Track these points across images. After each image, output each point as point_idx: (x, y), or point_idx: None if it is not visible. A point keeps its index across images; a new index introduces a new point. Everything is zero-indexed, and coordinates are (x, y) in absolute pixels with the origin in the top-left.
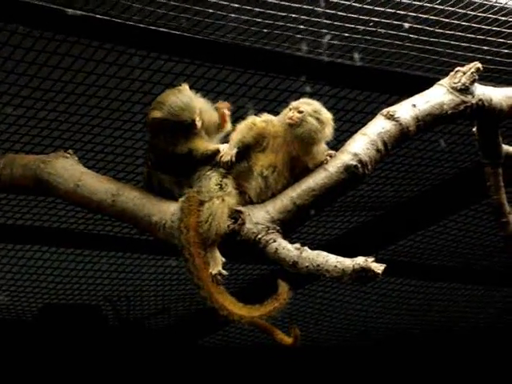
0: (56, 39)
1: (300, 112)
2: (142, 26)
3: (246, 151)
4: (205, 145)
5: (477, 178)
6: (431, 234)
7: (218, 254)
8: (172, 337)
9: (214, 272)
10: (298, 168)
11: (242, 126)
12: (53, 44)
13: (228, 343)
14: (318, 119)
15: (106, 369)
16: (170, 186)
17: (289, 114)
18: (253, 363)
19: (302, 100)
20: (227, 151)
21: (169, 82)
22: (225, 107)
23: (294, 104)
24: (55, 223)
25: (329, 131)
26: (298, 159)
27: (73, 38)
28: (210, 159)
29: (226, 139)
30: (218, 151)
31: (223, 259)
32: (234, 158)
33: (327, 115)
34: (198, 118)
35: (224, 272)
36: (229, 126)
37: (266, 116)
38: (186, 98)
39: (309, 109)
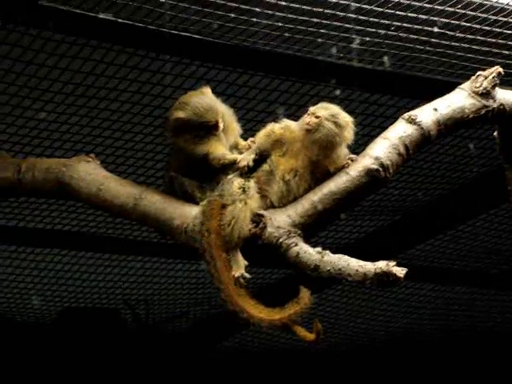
0: (78, 43)
1: (317, 117)
2: (164, 30)
3: (266, 157)
4: (223, 151)
5: (496, 183)
6: (450, 238)
7: (240, 257)
8: (190, 340)
9: (236, 275)
10: (319, 172)
11: (261, 134)
12: (75, 48)
13: (246, 347)
14: (335, 123)
15: (124, 372)
16: (191, 190)
17: (306, 119)
18: (270, 367)
19: (319, 105)
20: (245, 157)
21: (191, 86)
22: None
23: (311, 109)
24: (75, 227)
25: (349, 134)
26: (319, 163)
27: (94, 41)
28: (227, 168)
29: None
30: (235, 161)
31: (246, 262)
32: (251, 163)
33: (346, 119)
34: (220, 120)
35: (247, 275)
36: None
37: (284, 122)
38: (209, 100)
39: (326, 113)
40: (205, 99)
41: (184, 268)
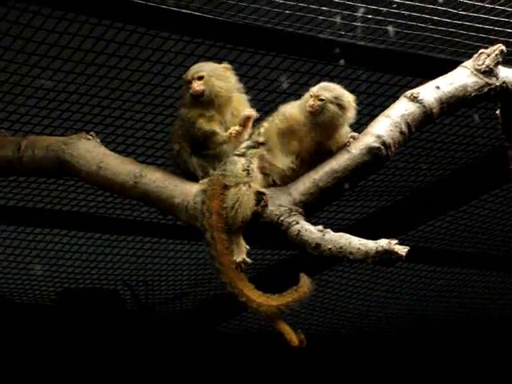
0: (78, 20)
1: (321, 100)
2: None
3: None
4: (203, 119)
5: (498, 163)
6: (451, 219)
7: (242, 241)
8: (190, 322)
9: (238, 260)
10: (321, 152)
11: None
12: (75, 25)
13: (246, 329)
14: (339, 105)
15: (124, 353)
16: (193, 168)
17: (309, 101)
18: (270, 349)
19: (322, 85)
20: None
21: (192, 64)
22: (251, 114)
23: (314, 91)
24: (75, 207)
25: (351, 114)
26: (322, 143)
27: (94, 19)
28: (208, 138)
29: None
30: (213, 133)
31: (247, 247)
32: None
33: (349, 98)
34: (198, 82)
35: (249, 260)
36: (248, 131)
37: (284, 112)
38: (201, 64)
39: (329, 96)
40: (199, 64)
41: (184, 249)
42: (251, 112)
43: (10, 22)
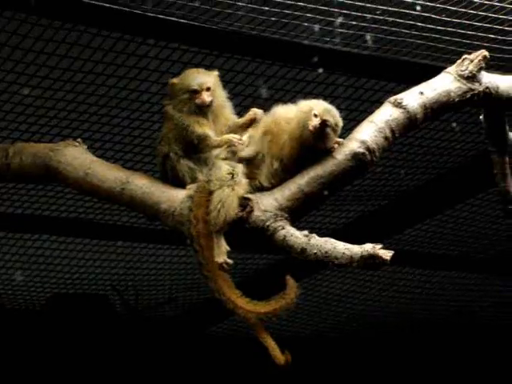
0: (65, 28)
1: (325, 125)
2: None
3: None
4: (199, 124)
5: (483, 167)
6: (437, 223)
7: (223, 242)
8: (179, 326)
9: (220, 261)
10: (306, 157)
11: (259, 130)
12: (62, 33)
13: (234, 333)
14: (334, 131)
15: (113, 358)
16: (182, 174)
17: (314, 121)
18: (258, 353)
19: (325, 107)
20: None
21: (178, 71)
22: (257, 113)
23: (319, 110)
24: (63, 213)
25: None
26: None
27: (81, 26)
28: (201, 141)
29: None
30: (206, 136)
31: (228, 248)
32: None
33: (340, 124)
34: (207, 93)
35: (229, 261)
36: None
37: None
38: (203, 73)
39: (332, 122)
40: (200, 72)
41: (173, 254)
42: (256, 112)
43: None
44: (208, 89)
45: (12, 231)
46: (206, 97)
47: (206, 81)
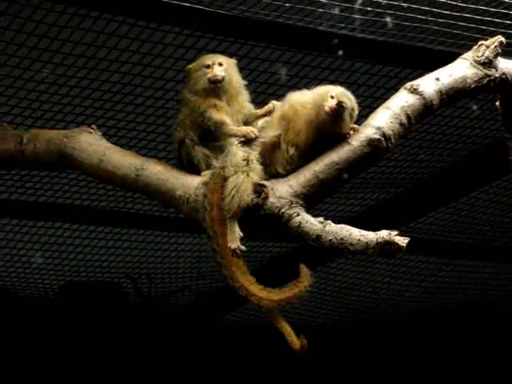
0: (79, 14)
1: (341, 107)
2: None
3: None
4: (216, 109)
5: (498, 154)
6: (452, 210)
7: (237, 228)
8: (192, 315)
9: (233, 246)
10: (321, 142)
11: (275, 115)
12: (76, 19)
13: (247, 321)
14: (351, 116)
15: (127, 345)
16: (197, 161)
17: (331, 102)
18: (273, 341)
19: (343, 91)
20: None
21: (192, 57)
22: (276, 105)
23: (336, 92)
24: (77, 200)
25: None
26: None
27: (95, 12)
28: (217, 128)
29: None
30: (223, 123)
31: (241, 234)
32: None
33: (356, 109)
34: (219, 68)
35: (243, 247)
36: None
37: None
38: (219, 54)
39: (349, 104)
40: (216, 53)
41: (186, 241)
42: (276, 105)
43: (11, 16)
44: (220, 64)
45: (25, 219)
46: (218, 71)
47: (219, 57)
